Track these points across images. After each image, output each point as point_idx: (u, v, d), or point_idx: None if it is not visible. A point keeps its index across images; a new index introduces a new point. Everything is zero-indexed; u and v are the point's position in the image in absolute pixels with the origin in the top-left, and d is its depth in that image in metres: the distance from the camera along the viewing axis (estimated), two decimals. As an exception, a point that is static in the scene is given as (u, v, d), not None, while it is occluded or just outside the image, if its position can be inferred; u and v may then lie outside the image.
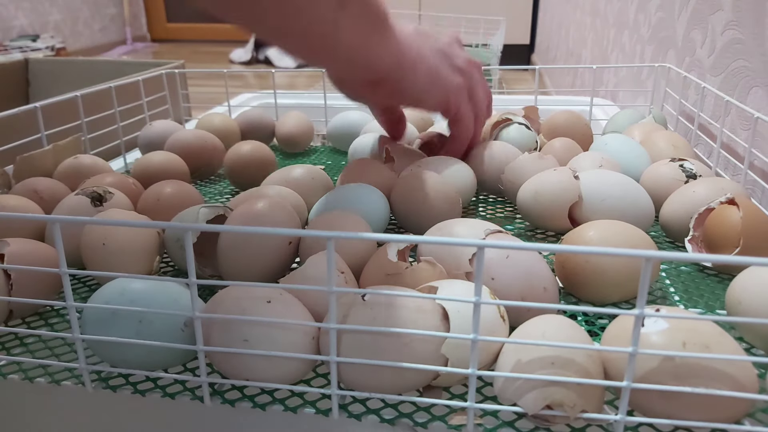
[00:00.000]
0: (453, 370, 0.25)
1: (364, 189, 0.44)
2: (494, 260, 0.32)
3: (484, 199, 0.53)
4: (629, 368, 0.23)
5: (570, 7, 1.72)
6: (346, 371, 0.27)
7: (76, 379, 0.30)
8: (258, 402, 0.28)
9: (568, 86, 1.65)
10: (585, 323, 0.34)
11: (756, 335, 0.30)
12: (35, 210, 0.43)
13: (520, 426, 0.26)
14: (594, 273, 0.34)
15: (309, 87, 2.35)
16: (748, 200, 0.38)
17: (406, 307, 0.27)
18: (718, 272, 0.39)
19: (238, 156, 0.55)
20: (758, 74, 0.51)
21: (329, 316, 0.25)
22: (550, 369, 0.25)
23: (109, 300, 0.29)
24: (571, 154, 0.52)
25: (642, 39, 0.92)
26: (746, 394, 0.23)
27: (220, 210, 0.39)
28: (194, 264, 0.25)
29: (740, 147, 0.53)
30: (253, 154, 0.55)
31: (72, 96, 0.60)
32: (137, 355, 0.29)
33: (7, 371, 0.31)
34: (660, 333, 0.25)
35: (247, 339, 0.27)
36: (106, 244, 0.36)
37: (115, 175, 0.48)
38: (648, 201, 0.42)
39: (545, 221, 0.44)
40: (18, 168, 0.51)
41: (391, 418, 0.27)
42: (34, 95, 1.20)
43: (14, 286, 0.33)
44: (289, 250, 0.37)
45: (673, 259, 0.40)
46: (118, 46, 3.57)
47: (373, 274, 0.33)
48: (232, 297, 0.28)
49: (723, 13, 0.59)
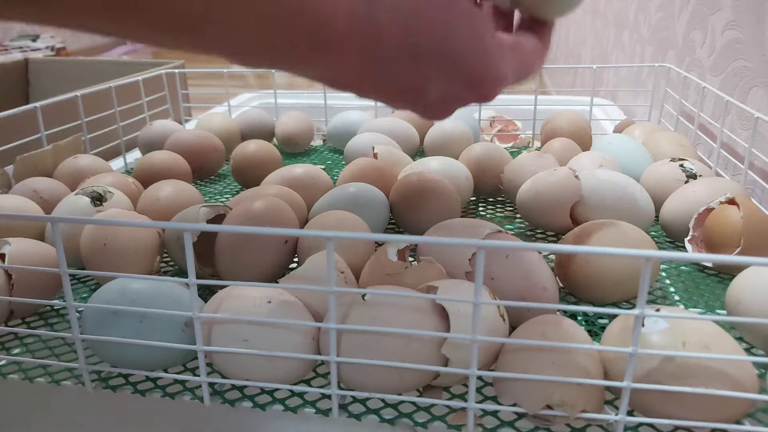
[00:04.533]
0: (453, 370, 0.25)
1: (364, 189, 0.44)
2: (494, 260, 0.32)
3: (484, 199, 0.53)
4: (629, 368, 0.23)
5: (570, 7, 1.71)
6: (346, 371, 0.27)
7: (76, 379, 0.30)
8: (258, 402, 0.28)
9: (568, 86, 1.65)
10: (585, 323, 0.34)
11: (756, 335, 0.30)
12: (35, 210, 0.43)
13: (520, 426, 0.26)
14: (594, 273, 0.34)
15: (309, 87, 2.35)
16: (748, 200, 0.38)
17: (406, 307, 0.26)
18: (718, 272, 0.39)
19: (244, 155, 0.55)
20: (758, 74, 0.51)
21: (329, 316, 0.25)
22: (550, 369, 0.25)
23: (109, 300, 0.29)
24: (571, 154, 0.52)
25: (642, 39, 0.92)
26: (746, 394, 0.23)
27: (220, 209, 0.39)
28: (194, 264, 0.25)
29: (740, 147, 0.53)
30: (260, 153, 0.56)
31: (72, 96, 0.60)
32: (137, 355, 0.29)
33: (7, 371, 0.30)
34: (660, 333, 0.25)
35: (247, 339, 0.27)
36: (107, 244, 0.36)
37: (115, 175, 0.48)
38: (648, 201, 0.42)
39: (546, 221, 0.44)
40: (18, 168, 0.51)
41: (391, 418, 0.27)
42: (34, 95, 1.20)
43: (15, 286, 0.33)
44: (286, 250, 0.37)
45: (673, 259, 0.40)
46: (118, 46, 3.57)
47: (373, 274, 0.33)
48: (232, 297, 0.28)
49: (723, 13, 0.59)
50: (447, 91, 0.26)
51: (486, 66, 0.26)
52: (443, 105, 0.28)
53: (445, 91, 0.26)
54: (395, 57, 0.23)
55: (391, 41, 0.23)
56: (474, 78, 0.26)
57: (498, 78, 0.26)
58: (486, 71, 0.26)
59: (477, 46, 0.25)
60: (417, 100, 0.27)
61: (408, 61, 0.24)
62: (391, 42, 0.23)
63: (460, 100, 0.27)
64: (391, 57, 0.23)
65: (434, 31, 0.24)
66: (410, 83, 0.25)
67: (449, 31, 0.24)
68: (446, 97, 0.27)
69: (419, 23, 0.23)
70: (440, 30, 0.24)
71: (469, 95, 0.27)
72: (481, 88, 0.26)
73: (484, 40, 0.25)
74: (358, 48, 0.23)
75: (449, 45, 0.24)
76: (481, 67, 0.26)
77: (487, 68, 0.26)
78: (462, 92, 0.26)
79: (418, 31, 0.23)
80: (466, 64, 0.25)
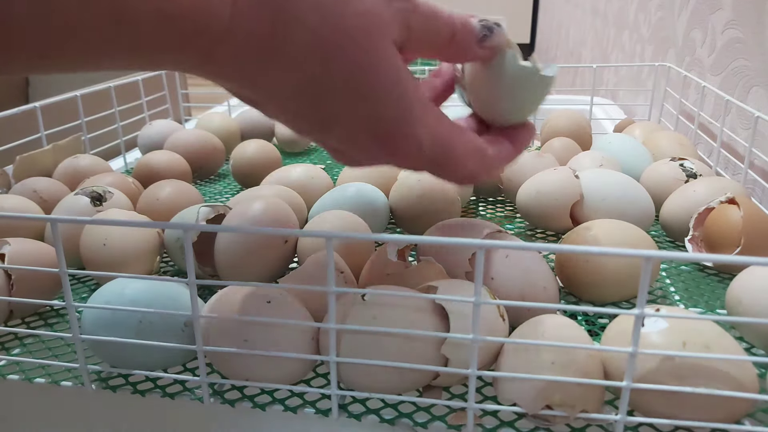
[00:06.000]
0: (453, 370, 0.25)
1: (364, 189, 0.44)
2: (494, 260, 0.32)
3: (484, 199, 0.53)
4: (629, 368, 0.22)
5: (570, 7, 1.72)
6: (346, 371, 0.27)
7: (76, 379, 0.30)
8: (258, 402, 0.28)
9: (568, 85, 1.65)
10: (585, 323, 0.34)
11: (756, 335, 0.30)
12: (35, 210, 0.43)
13: (520, 426, 0.26)
14: (594, 273, 0.34)
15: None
16: (749, 200, 0.38)
17: (405, 307, 0.26)
18: (718, 272, 0.39)
19: (244, 155, 0.55)
20: (758, 73, 0.51)
21: (329, 316, 0.25)
22: (550, 369, 0.25)
23: (109, 300, 0.29)
24: (570, 153, 0.52)
25: (642, 38, 0.92)
26: (746, 394, 0.23)
27: (220, 209, 0.39)
28: (194, 264, 0.25)
29: (740, 146, 0.53)
30: (259, 153, 0.56)
31: (72, 96, 0.60)
32: (137, 355, 0.29)
33: (7, 371, 0.30)
34: (660, 333, 0.25)
35: (247, 339, 0.27)
36: (106, 244, 0.36)
37: (115, 174, 0.48)
38: (648, 200, 0.42)
39: (546, 221, 0.44)
40: (18, 168, 0.51)
41: (390, 418, 0.27)
42: (34, 95, 1.20)
43: (14, 286, 0.33)
44: (286, 250, 0.37)
45: (673, 259, 0.40)
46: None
47: (373, 274, 0.33)
48: (231, 297, 0.28)
49: (723, 13, 0.59)
50: (354, 138, 0.25)
51: (398, 121, 0.24)
52: (350, 152, 0.26)
53: (352, 136, 0.25)
54: (304, 87, 0.23)
55: (305, 72, 0.22)
56: (382, 130, 0.24)
57: (411, 138, 0.25)
58: (398, 127, 0.24)
59: (394, 99, 0.24)
60: (323, 137, 0.26)
61: (317, 95, 0.23)
62: (304, 72, 0.22)
63: (367, 151, 0.25)
64: (301, 87, 0.23)
65: (352, 72, 0.23)
66: (317, 118, 0.24)
67: (368, 77, 0.23)
68: (353, 143, 0.25)
69: (338, 62, 0.22)
70: (359, 73, 0.23)
71: (378, 150, 0.25)
72: (389, 142, 0.25)
73: (404, 99, 0.24)
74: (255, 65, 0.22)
75: (364, 90, 0.23)
76: (393, 120, 0.24)
77: (399, 124, 0.24)
78: (369, 143, 0.25)
79: (336, 68, 0.22)
80: (377, 115, 0.24)
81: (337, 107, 0.23)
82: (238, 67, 0.22)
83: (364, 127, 0.24)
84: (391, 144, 0.25)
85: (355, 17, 0.22)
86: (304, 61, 0.22)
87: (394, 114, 0.24)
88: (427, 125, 0.25)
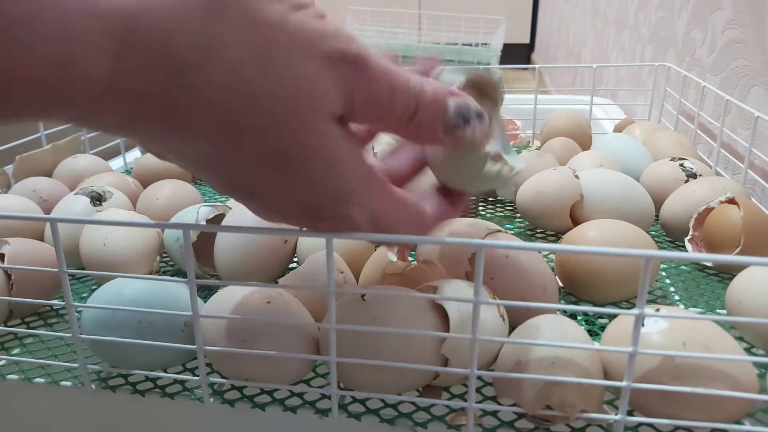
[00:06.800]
0: (453, 370, 0.25)
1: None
2: (494, 260, 0.32)
3: (484, 199, 0.53)
4: (629, 368, 0.22)
5: (570, 7, 1.72)
6: (346, 371, 0.27)
7: (76, 379, 0.30)
8: (257, 402, 0.28)
9: (568, 85, 1.65)
10: (585, 323, 0.34)
11: (756, 335, 0.30)
12: (35, 210, 0.43)
13: (520, 426, 0.26)
14: (594, 273, 0.34)
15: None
16: (749, 200, 0.38)
17: (405, 307, 0.26)
18: (718, 272, 0.39)
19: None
20: (758, 73, 0.51)
21: (329, 316, 0.25)
22: (550, 369, 0.25)
23: (108, 300, 0.29)
24: (570, 153, 0.52)
25: (642, 38, 0.92)
26: (746, 394, 0.23)
27: (220, 209, 0.39)
28: (194, 264, 0.25)
29: (740, 146, 0.53)
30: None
31: (71, 96, 0.60)
32: (137, 355, 0.29)
33: (6, 371, 0.30)
34: (660, 333, 0.25)
35: (247, 339, 0.27)
36: (106, 244, 0.36)
37: (115, 174, 0.48)
38: (648, 200, 0.42)
39: (546, 221, 0.44)
40: (17, 168, 0.51)
41: (390, 418, 0.27)
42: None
43: (14, 286, 0.33)
44: (286, 250, 0.37)
45: (673, 259, 0.40)
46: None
47: (373, 274, 0.33)
48: (231, 297, 0.28)
49: (723, 12, 0.59)
50: (279, 211, 0.22)
51: (335, 203, 0.21)
52: (273, 219, 0.23)
53: (279, 210, 0.22)
54: (215, 161, 0.20)
55: (215, 146, 0.19)
56: (314, 210, 0.22)
57: (345, 219, 0.22)
58: (334, 208, 0.22)
59: (330, 185, 0.21)
60: (245, 203, 0.23)
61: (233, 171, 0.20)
62: (214, 146, 0.19)
63: (295, 222, 0.23)
64: (210, 158, 0.20)
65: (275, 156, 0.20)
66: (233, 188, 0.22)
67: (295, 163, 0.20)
68: (277, 214, 0.22)
69: (256, 145, 0.19)
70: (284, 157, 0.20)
71: (309, 224, 0.23)
72: (322, 222, 0.22)
73: (342, 182, 0.21)
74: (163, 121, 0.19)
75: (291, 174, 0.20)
76: (328, 203, 0.21)
77: (336, 205, 0.22)
78: (299, 219, 0.22)
79: (253, 150, 0.19)
80: (309, 199, 0.21)
81: (260, 186, 0.21)
82: (134, 127, 0.19)
83: (294, 206, 0.22)
84: (324, 223, 0.22)
85: (279, 89, 0.19)
86: (209, 136, 0.19)
87: (329, 198, 0.21)
88: (366, 204, 0.22)
